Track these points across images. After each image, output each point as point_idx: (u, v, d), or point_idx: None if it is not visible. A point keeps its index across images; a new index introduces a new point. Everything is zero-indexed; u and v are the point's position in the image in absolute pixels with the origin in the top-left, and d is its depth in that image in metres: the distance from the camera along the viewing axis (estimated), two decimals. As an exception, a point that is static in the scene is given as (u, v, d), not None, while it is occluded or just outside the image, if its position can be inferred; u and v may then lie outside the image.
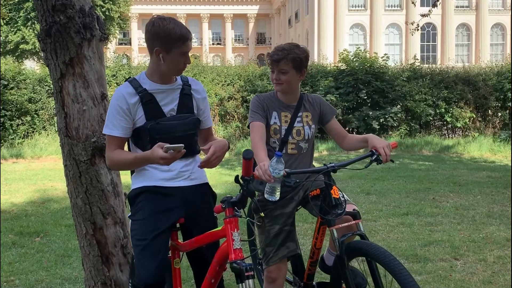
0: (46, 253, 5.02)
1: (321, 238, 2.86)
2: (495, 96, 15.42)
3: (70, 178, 3.19)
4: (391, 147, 2.66)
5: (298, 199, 2.93)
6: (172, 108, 2.58)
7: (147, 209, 2.53)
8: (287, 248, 2.86)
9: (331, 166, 2.59)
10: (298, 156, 2.91)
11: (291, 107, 2.91)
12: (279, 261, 2.85)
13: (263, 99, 2.90)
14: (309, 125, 2.92)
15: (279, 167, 2.35)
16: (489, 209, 6.56)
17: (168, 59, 2.47)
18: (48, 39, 3.07)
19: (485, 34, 44.02)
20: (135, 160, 2.50)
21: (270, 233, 2.85)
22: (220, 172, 10.52)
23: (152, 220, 2.50)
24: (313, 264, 2.97)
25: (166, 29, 2.42)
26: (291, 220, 2.92)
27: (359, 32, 43.92)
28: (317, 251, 2.91)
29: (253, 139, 2.78)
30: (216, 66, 18.04)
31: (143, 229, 2.49)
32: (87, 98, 3.12)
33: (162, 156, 2.34)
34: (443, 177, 9.23)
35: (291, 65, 2.78)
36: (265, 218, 2.87)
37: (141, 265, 2.45)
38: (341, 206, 2.57)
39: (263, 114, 2.85)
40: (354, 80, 15.14)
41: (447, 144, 14.18)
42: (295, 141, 2.88)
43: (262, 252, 2.90)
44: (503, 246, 4.91)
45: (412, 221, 5.94)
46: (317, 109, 2.97)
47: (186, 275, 3.94)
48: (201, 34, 58.47)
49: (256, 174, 2.40)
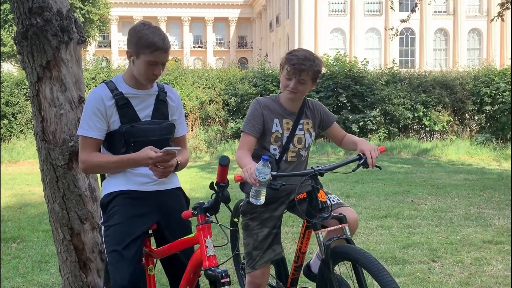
0: (22, 259, 4.93)
1: (306, 242, 2.82)
2: (472, 100, 15.70)
3: (47, 183, 3.15)
4: (379, 152, 2.63)
5: (288, 202, 2.89)
6: (148, 114, 2.57)
7: (122, 214, 2.49)
8: (273, 251, 2.82)
9: (318, 169, 2.56)
10: (296, 164, 2.85)
11: (293, 114, 2.82)
12: (264, 265, 2.81)
13: (264, 106, 2.77)
14: (309, 133, 2.86)
15: (265, 171, 2.32)
16: (466, 211, 6.66)
17: (137, 64, 2.47)
18: (24, 41, 3.03)
19: (462, 39, 44.78)
20: (120, 162, 2.48)
21: (258, 236, 2.80)
22: (201, 175, 10.49)
23: (128, 225, 2.47)
24: (297, 268, 2.93)
25: (140, 33, 2.42)
26: (279, 223, 2.89)
27: (339, 36, 44.28)
28: (301, 256, 2.87)
29: (241, 150, 2.69)
30: (197, 69, 18.01)
31: (117, 235, 2.45)
32: (64, 101, 3.09)
33: (151, 156, 2.33)
34: (421, 180, 9.35)
35: (311, 77, 2.70)
36: (253, 221, 2.82)
37: (117, 270, 2.40)
38: (328, 210, 2.54)
39: (259, 126, 2.74)
40: (334, 84, 15.26)
41: (425, 147, 14.38)
42: (296, 149, 2.81)
43: (248, 256, 2.84)
44: (480, 248, 4.99)
45: (391, 224, 6.00)
46: (318, 116, 2.90)
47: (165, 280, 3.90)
48: (182, 37, 58.29)
49: (242, 176, 2.37)
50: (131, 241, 2.44)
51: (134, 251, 2.44)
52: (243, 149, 2.69)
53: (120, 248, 2.41)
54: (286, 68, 2.69)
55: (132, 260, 2.42)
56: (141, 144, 2.49)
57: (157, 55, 2.42)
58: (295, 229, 5.67)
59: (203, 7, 58.21)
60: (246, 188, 2.81)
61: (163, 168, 2.46)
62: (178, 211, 2.55)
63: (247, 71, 16.88)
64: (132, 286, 2.39)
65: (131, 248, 2.43)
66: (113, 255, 2.44)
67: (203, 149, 14.40)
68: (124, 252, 2.41)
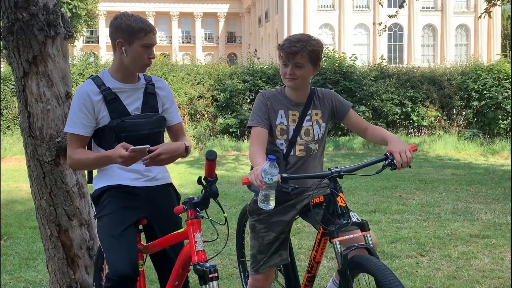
0: (9, 256, 4.89)
1: (322, 251, 2.60)
2: (459, 95, 15.81)
3: (33, 179, 3.12)
4: (411, 153, 2.39)
5: (300, 208, 2.69)
6: (137, 107, 2.56)
7: (114, 205, 2.49)
8: (279, 256, 2.67)
9: (336, 170, 2.36)
10: (307, 158, 2.64)
11: (300, 104, 2.63)
12: (268, 269, 2.67)
13: (268, 97, 2.62)
14: (318, 124, 2.65)
15: (272, 172, 2.14)
16: (453, 206, 6.72)
17: (131, 52, 2.45)
18: (10, 36, 2.99)
19: (450, 35, 45.07)
20: (97, 159, 2.47)
21: (264, 240, 2.65)
22: (190, 171, 10.47)
23: (120, 214, 2.47)
24: (310, 279, 2.72)
25: (128, 20, 2.44)
26: (288, 228, 2.71)
27: (328, 32, 44.35)
28: (316, 265, 2.66)
29: (252, 145, 2.50)
30: (186, 64, 17.91)
31: (112, 223, 2.44)
32: (51, 97, 3.06)
33: (121, 155, 2.31)
34: (409, 175, 9.41)
35: (307, 59, 2.50)
36: (260, 223, 2.67)
37: (115, 257, 2.34)
38: (347, 216, 2.33)
39: (266, 118, 2.57)
40: (323, 80, 15.28)
41: (413, 142, 14.46)
42: (304, 142, 2.61)
43: (252, 258, 2.71)
44: (467, 242, 5.04)
45: (379, 219, 6.04)
46: (328, 105, 2.68)
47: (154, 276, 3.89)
48: (171, 32, 57.99)
49: (249, 178, 2.21)
50: (126, 228, 2.42)
51: (130, 237, 2.42)
52: (255, 143, 2.50)
53: (116, 233, 2.39)
54: (280, 55, 2.54)
55: (130, 247, 2.39)
56: (132, 138, 2.47)
57: (150, 37, 2.46)
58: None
59: (192, 2, 57.93)
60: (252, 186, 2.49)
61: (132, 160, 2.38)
62: (168, 207, 2.55)
63: (236, 66, 16.83)
64: (132, 273, 2.34)
65: (127, 234, 2.41)
66: (109, 241, 2.39)
67: (192, 145, 14.35)
68: (120, 238, 2.38)
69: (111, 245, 2.39)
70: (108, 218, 2.47)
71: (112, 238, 2.39)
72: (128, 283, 2.33)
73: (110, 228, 2.43)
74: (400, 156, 2.36)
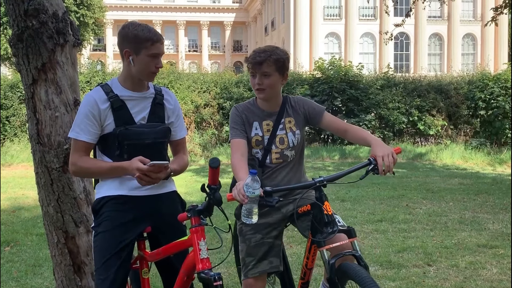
0: (16, 263, 4.90)
1: (313, 258, 2.68)
2: (466, 104, 15.77)
3: (41, 186, 3.13)
4: (395, 156, 2.38)
5: (286, 212, 2.74)
6: (143, 117, 2.55)
7: (111, 221, 2.48)
8: (270, 263, 2.70)
9: (319, 180, 2.40)
10: (285, 164, 2.73)
11: (273, 114, 2.72)
12: (258, 275, 2.69)
13: (242, 110, 2.72)
14: (292, 132, 2.73)
15: (254, 186, 2.18)
16: (461, 215, 6.68)
17: (138, 61, 2.46)
18: (20, 44, 3.02)
19: (456, 44, 44.98)
20: (111, 169, 2.48)
21: (251, 241, 2.70)
22: (195, 179, 10.48)
23: (115, 233, 2.45)
24: (304, 285, 2.78)
25: (135, 30, 2.44)
26: (275, 233, 2.75)
27: (334, 40, 44.40)
28: (308, 272, 2.73)
29: (233, 158, 2.59)
30: (192, 73, 17.99)
31: (105, 243, 2.45)
32: (59, 104, 3.07)
33: (139, 168, 2.33)
34: (416, 184, 9.37)
35: (274, 67, 2.60)
36: (246, 226, 2.71)
37: (101, 278, 2.41)
38: (334, 224, 2.37)
39: (243, 129, 2.67)
40: (329, 88, 15.29)
41: (420, 151, 14.41)
42: (279, 150, 2.70)
43: (242, 262, 2.76)
44: (475, 252, 5.00)
45: (386, 228, 6.01)
46: (301, 112, 2.75)
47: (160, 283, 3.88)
48: (177, 41, 58.27)
49: (233, 195, 2.26)
50: (118, 251, 2.43)
51: (122, 259, 2.43)
52: (236, 154, 2.60)
53: (107, 255, 2.42)
54: (248, 67, 2.65)
55: (119, 268, 2.41)
56: (135, 147, 2.48)
57: (157, 47, 2.46)
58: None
59: (198, 11, 58.23)
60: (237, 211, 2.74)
61: (148, 178, 2.42)
62: (171, 215, 2.53)
63: (242, 75, 16.89)
64: None
65: (118, 256, 2.43)
66: (100, 261, 2.44)
67: (198, 153, 14.38)
68: (109, 261, 2.41)
69: (100, 266, 2.43)
70: (102, 237, 2.47)
71: (102, 261, 2.43)
72: None
73: (102, 249, 2.45)
74: (383, 161, 2.36)
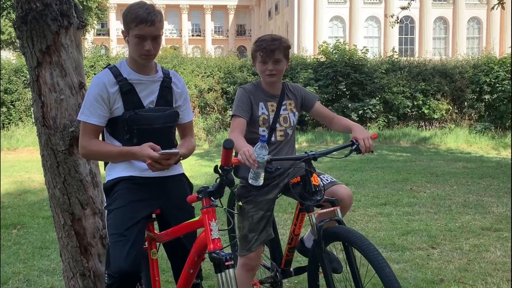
0: (23, 245, 4.95)
1: (300, 224, 2.94)
2: (471, 88, 15.67)
3: (47, 169, 3.14)
4: (372, 139, 2.73)
5: (282, 185, 2.99)
6: (152, 100, 2.56)
7: (124, 199, 2.50)
8: (266, 232, 2.94)
9: (312, 154, 2.66)
10: (286, 142, 2.99)
11: (275, 96, 2.97)
12: (259, 246, 2.92)
13: (249, 91, 2.92)
14: (293, 112, 3.01)
15: (263, 153, 2.40)
16: (465, 199, 6.69)
17: (130, 42, 2.47)
18: (24, 26, 3.00)
19: (461, 28, 44.59)
20: (120, 154, 2.49)
21: (253, 218, 2.89)
22: (200, 163, 10.50)
23: (129, 209, 2.47)
24: (291, 250, 3.06)
25: (128, 10, 2.43)
26: (273, 206, 3.00)
27: (338, 24, 44.07)
28: (295, 238, 2.99)
29: (233, 132, 2.76)
30: (195, 57, 17.93)
31: (119, 218, 2.46)
32: (64, 87, 3.07)
33: (151, 155, 2.34)
34: (420, 168, 9.37)
35: (283, 54, 2.85)
36: (248, 204, 2.90)
37: (116, 254, 2.38)
38: (320, 193, 2.65)
39: (248, 110, 2.86)
40: (334, 72, 15.22)
41: (424, 135, 14.38)
42: (283, 128, 2.95)
43: (243, 239, 2.92)
44: (478, 235, 5.02)
45: (390, 211, 6.02)
46: (299, 97, 3.05)
47: (166, 265, 3.93)
48: (181, 25, 57.94)
49: (239, 158, 2.42)
50: (133, 225, 2.43)
51: (135, 235, 2.43)
52: (235, 131, 2.76)
53: (121, 231, 2.41)
54: (259, 54, 2.83)
55: (133, 244, 2.40)
56: (144, 132, 2.49)
57: (142, 28, 2.39)
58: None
59: (202, -5, 57.83)
60: (240, 173, 2.95)
61: (159, 165, 2.43)
62: (180, 196, 2.56)
63: (246, 59, 16.80)
64: (132, 269, 2.37)
65: (132, 231, 2.42)
66: (114, 238, 2.43)
67: (202, 137, 14.39)
68: (125, 235, 2.40)
69: (114, 242, 2.42)
70: (116, 213, 2.48)
71: (116, 236, 2.42)
72: (128, 280, 2.37)
73: (116, 224, 2.45)
74: (364, 142, 2.69)
